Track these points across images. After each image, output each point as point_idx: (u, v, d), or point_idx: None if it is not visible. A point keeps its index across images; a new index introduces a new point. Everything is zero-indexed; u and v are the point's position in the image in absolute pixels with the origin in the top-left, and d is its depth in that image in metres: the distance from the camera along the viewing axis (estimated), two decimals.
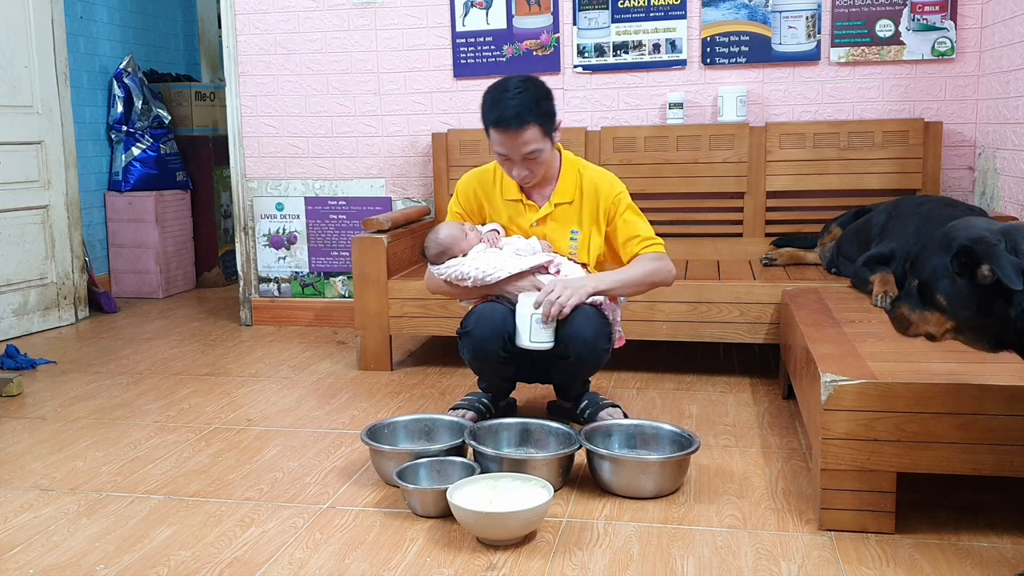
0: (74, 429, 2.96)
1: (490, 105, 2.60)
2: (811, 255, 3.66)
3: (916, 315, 1.83)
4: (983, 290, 1.70)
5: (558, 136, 2.70)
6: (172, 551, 2.06)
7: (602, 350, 2.66)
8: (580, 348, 2.59)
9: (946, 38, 3.77)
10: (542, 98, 2.61)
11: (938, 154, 3.73)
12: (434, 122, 4.25)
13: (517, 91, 2.57)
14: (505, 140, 2.58)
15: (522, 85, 2.60)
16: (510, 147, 2.59)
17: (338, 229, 4.44)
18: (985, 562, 1.94)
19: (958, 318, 1.77)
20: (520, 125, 2.55)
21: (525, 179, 2.68)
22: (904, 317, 1.86)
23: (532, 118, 2.56)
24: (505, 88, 2.60)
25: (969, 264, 1.71)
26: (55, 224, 4.59)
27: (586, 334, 2.58)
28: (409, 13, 4.23)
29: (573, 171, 2.77)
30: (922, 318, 1.82)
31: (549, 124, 2.62)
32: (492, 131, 2.61)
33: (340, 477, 2.49)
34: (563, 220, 2.75)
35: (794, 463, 2.53)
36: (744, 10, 3.92)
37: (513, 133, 2.56)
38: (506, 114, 2.54)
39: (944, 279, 1.75)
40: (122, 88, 5.34)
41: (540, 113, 2.58)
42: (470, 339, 2.67)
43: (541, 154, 2.62)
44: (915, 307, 1.83)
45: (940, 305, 1.77)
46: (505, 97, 2.57)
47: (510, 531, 2.03)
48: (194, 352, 4.01)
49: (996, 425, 1.95)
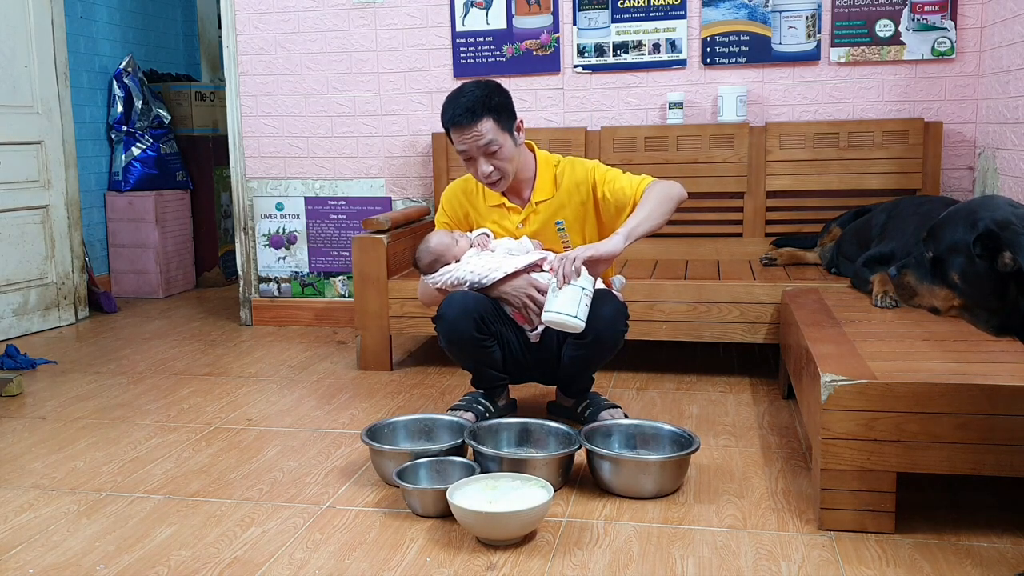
0: (74, 429, 2.96)
1: (444, 109, 2.68)
2: (811, 255, 3.66)
3: (924, 287, 1.77)
4: (999, 275, 1.65)
5: (521, 137, 2.74)
6: (172, 551, 2.06)
7: (620, 330, 2.66)
8: (599, 326, 2.58)
9: (946, 38, 3.77)
10: (495, 95, 2.67)
11: (938, 154, 3.73)
12: (434, 122, 4.25)
13: (470, 92, 2.66)
14: (462, 136, 2.64)
15: (475, 86, 2.68)
16: (467, 143, 2.64)
17: (338, 229, 4.44)
18: (985, 562, 1.94)
19: (967, 297, 1.71)
20: (472, 119, 2.61)
21: (491, 177, 2.68)
22: (910, 286, 1.80)
23: (484, 112, 2.62)
24: (460, 92, 2.68)
25: (991, 248, 1.65)
26: (55, 224, 4.59)
27: (604, 312, 2.58)
28: (409, 13, 4.23)
29: (548, 168, 2.80)
30: (930, 291, 1.76)
31: (505, 120, 2.66)
32: (451, 132, 2.68)
33: (340, 477, 2.49)
34: (547, 216, 2.77)
35: (794, 463, 2.53)
36: (744, 10, 3.92)
37: (467, 127, 2.62)
38: (458, 111, 2.62)
39: (961, 256, 1.69)
40: (122, 88, 5.34)
41: (492, 107, 2.63)
42: (443, 322, 2.69)
43: (502, 150, 2.65)
44: (923, 279, 1.77)
45: (952, 282, 1.71)
46: (458, 97, 2.65)
47: (510, 531, 2.03)
48: (194, 352, 4.01)
49: (996, 425, 1.95)
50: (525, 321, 2.75)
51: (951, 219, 1.75)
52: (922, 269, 1.78)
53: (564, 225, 2.69)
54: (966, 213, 1.72)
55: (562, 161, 2.82)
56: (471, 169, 2.72)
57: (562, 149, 3.85)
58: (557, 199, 2.76)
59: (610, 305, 2.62)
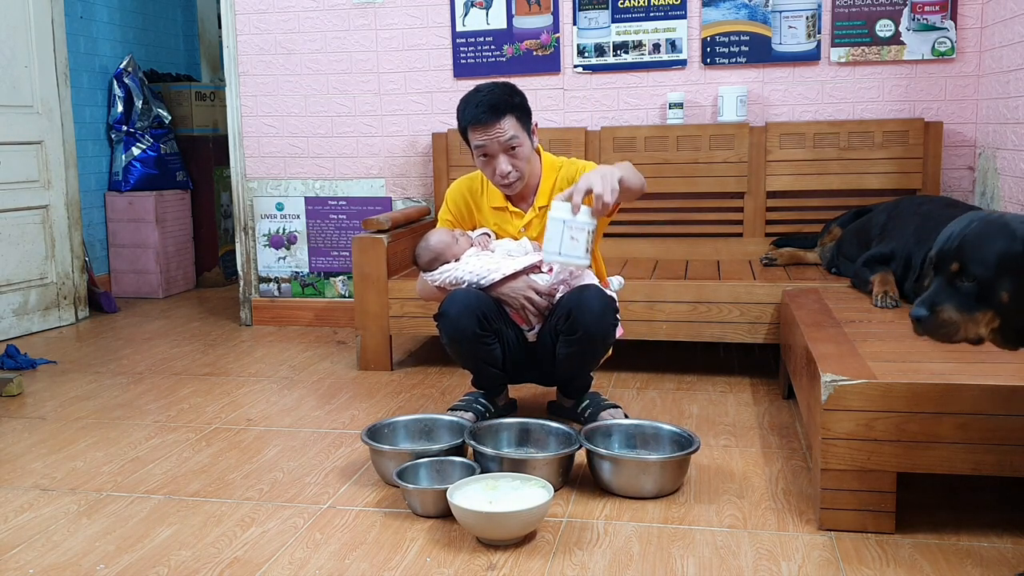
0: (74, 429, 2.96)
1: (463, 108, 2.69)
2: (811, 255, 3.66)
3: (966, 317, 1.59)
4: None
5: (536, 140, 2.75)
6: (172, 551, 2.06)
7: (610, 325, 2.65)
8: (589, 321, 2.58)
9: (946, 38, 3.77)
10: (515, 94, 2.69)
11: (938, 154, 3.73)
12: (434, 122, 4.25)
13: (489, 90, 2.67)
14: (483, 134, 2.64)
15: (493, 85, 2.70)
16: (489, 141, 2.64)
17: (338, 229, 4.44)
18: (985, 562, 1.94)
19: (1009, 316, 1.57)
20: (495, 115, 2.62)
21: (509, 178, 2.69)
22: (952, 322, 1.60)
23: (507, 109, 2.63)
24: (477, 90, 2.70)
25: None
26: (55, 224, 4.59)
27: (594, 306, 2.59)
28: (409, 13, 4.23)
29: (552, 173, 2.80)
30: (972, 320, 1.59)
31: (525, 118, 2.69)
32: (470, 131, 2.67)
33: (340, 477, 2.49)
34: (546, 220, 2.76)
35: (794, 463, 2.53)
36: (744, 10, 3.92)
37: (490, 124, 2.62)
38: (480, 109, 2.62)
39: (1012, 272, 1.54)
40: (122, 88, 5.34)
41: (514, 105, 2.66)
42: (445, 320, 2.69)
43: (522, 148, 2.66)
44: (965, 308, 1.59)
45: (999, 303, 1.57)
46: (477, 97, 2.66)
47: (510, 531, 2.03)
48: (194, 352, 4.01)
49: (996, 425, 1.95)
50: (523, 322, 2.75)
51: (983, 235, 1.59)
52: (960, 298, 1.59)
53: None
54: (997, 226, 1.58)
55: (564, 164, 2.82)
56: (488, 169, 2.71)
57: (562, 149, 3.87)
58: None
59: (598, 300, 2.61)
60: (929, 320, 1.62)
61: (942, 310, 1.61)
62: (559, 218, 2.39)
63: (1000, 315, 1.59)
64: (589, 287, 2.63)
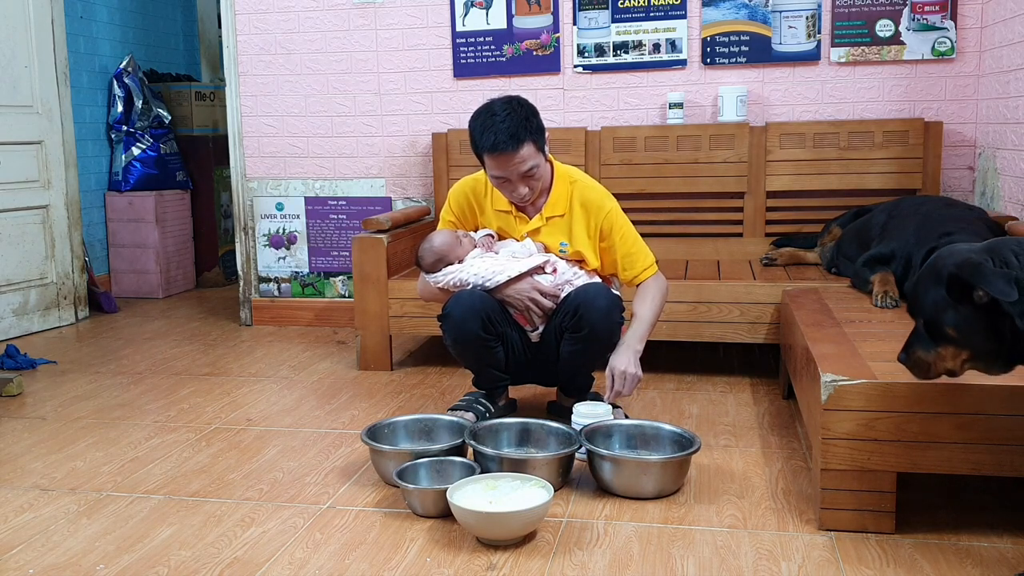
0: (74, 429, 2.96)
1: (480, 132, 2.58)
2: (811, 255, 3.66)
3: (932, 355, 1.80)
4: (985, 311, 1.70)
5: (547, 149, 2.72)
6: (172, 551, 2.06)
7: (616, 323, 2.66)
8: (595, 318, 2.58)
9: (946, 38, 3.77)
10: (531, 115, 2.61)
11: (938, 154, 3.73)
12: (434, 122, 4.25)
13: (505, 113, 2.56)
14: (502, 163, 2.58)
15: (508, 107, 2.59)
16: (509, 170, 2.59)
17: (338, 229, 4.44)
18: (985, 562, 1.94)
19: (971, 345, 1.75)
20: (516, 146, 2.55)
21: (525, 198, 2.68)
22: (922, 360, 1.82)
23: (526, 136, 2.56)
24: (492, 112, 2.58)
25: (963, 290, 1.71)
26: (55, 224, 4.59)
27: (599, 304, 2.59)
28: (409, 13, 4.23)
29: (565, 184, 2.76)
30: (938, 356, 1.79)
31: (541, 140, 2.64)
32: (487, 157, 2.60)
33: (340, 477, 2.49)
34: (554, 232, 2.75)
35: (794, 463, 2.53)
36: (744, 10, 3.92)
37: (511, 155, 2.55)
38: (500, 137, 2.53)
39: (947, 310, 1.74)
40: (122, 88, 5.34)
41: (532, 130, 2.58)
42: (450, 321, 2.68)
43: (538, 169, 2.64)
44: (927, 347, 1.80)
45: (950, 337, 1.76)
46: (495, 122, 2.55)
47: (510, 531, 2.03)
48: (194, 352, 4.01)
49: (996, 425, 1.95)
50: (527, 323, 2.75)
51: (921, 283, 1.81)
52: (922, 339, 1.81)
53: (568, 249, 2.73)
54: (930, 271, 1.79)
55: (578, 181, 2.77)
56: (503, 189, 2.68)
57: (562, 149, 3.87)
58: (567, 217, 2.74)
59: (605, 297, 2.62)
60: (907, 362, 1.86)
61: (914, 352, 1.84)
62: (599, 414, 2.54)
63: (963, 348, 1.76)
64: (596, 284, 2.64)
